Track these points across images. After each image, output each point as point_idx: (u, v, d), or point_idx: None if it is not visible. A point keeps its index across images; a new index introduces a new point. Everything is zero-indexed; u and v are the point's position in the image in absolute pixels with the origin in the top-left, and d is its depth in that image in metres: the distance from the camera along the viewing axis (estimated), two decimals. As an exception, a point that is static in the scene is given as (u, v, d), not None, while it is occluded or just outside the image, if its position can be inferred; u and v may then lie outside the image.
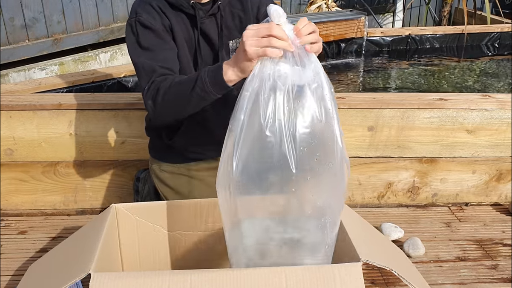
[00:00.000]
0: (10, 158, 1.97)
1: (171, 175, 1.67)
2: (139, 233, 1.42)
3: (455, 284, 1.65)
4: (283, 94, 1.02)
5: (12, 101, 1.92)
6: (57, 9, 3.71)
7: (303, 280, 1.04)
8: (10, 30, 3.51)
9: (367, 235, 1.37)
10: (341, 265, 1.07)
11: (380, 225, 1.92)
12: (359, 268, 1.06)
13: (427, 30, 3.71)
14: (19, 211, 2.07)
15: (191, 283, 1.03)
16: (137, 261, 1.45)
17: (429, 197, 2.13)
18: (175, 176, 1.67)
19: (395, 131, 1.99)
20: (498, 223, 2.02)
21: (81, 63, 3.84)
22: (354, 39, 3.53)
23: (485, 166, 2.08)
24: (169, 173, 1.67)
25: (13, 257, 1.80)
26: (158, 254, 1.46)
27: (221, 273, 1.06)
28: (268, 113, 1.01)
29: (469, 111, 1.97)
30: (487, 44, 3.75)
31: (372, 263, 1.09)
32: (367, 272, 1.67)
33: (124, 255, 1.44)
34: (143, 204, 1.43)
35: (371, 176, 2.07)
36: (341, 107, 1.94)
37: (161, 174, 1.68)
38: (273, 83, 1.03)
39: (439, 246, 1.86)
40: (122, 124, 1.94)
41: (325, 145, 1.06)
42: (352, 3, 5.18)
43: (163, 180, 1.68)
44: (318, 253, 1.12)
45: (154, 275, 1.04)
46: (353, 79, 3.31)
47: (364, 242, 1.21)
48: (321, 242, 1.11)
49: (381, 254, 1.23)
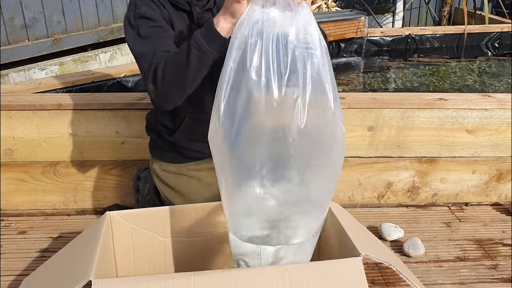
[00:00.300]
0: (10, 158, 1.97)
1: (171, 175, 1.67)
2: (134, 240, 1.41)
3: (455, 284, 1.65)
4: (271, 38, 1.01)
5: (12, 101, 1.92)
6: (57, 9, 3.71)
7: (307, 277, 1.04)
8: (10, 30, 3.50)
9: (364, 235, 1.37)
10: (342, 260, 1.08)
11: (380, 225, 1.92)
12: (360, 263, 1.07)
13: (427, 30, 3.71)
14: (19, 211, 2.07)
15: (194, 285, 1.03)
16: (131, 269, 1.45)
17: (429, 197, 2.13)
18: (176, 176, 1.67)
19: (395, 131, 1.99)
20: (498, 223, 2.02)
21: (81, 63, 3.84)
22: (354, 39, 3.53)
23: (485, 166, 2.08)
24: (170, 172, 1.67)
25: (13, 257, 1.80)
26: (153, 261, 1.45)
27: (225, 274, 1.06)
28: (255, 57, 1.00)
29: (469, 111, 1.97)
30: (487, 44, 3.75)
31: (371, 258, 1.09)
32: (367, 272, 1.66)
33: (118, 262, 1.43)
34: (138, 210, 1.42)
35: (371, 176, 2.07)
36: (341, 107, 1.93)
37: (161, 174, 1.68)
38: (261, 27, 1.02)
39: (439, 246, 1.86)
40: (122, 124, 1.94)
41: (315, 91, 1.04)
42: (352, 3, 5.18)
43: (163, 179, 1.68)
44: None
45: (156, 280, 1.04)
46: (353, 79, 3.31)
47: (362, 239, 1.22)
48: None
49: (379, 251, 1.23)
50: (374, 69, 3.45)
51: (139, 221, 1.40)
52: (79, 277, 1.06)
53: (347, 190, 2.10)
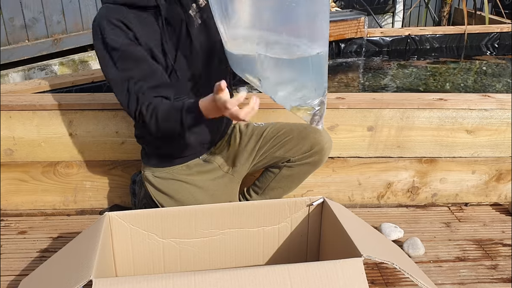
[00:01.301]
0: (10, 158, 1.97)
1: (163, 180, 1.69)
2: (133, 241, 1.42)
3: (455, 284, 1.65)
4: None
5: (12, 101, 1.92)
6: (57, 9, 3.71)
7: (307, 277, 1.04)
8: (10, 30, 3.51)
9: (366, 233, 1.37)
10: (343, 260, 1.08)
11: (379, 225, 1.92)
12: (361, 264, 1.07)
13: (427, 30, 3.71)
14: (19, 211, 2.07)
15: (195, 284, 1.03)
16: (130, 269, 1.45)
17: (428, 197, 2.13)
18: (168, 181, 1.68)
19: (395, 131, 1.99)
20: (497, 223, 2.02)
21: (81, 63, 3.84)
22: (354, 39, 3.52)
23: (485, 166, 2.08)
24: (162, 178, 1.69)
25: (13, 257, 1.80)
26: (152, 261, 1.45)
27: (225, 273, 1.06)
28: None
29: (468, 111, 1.97)
30: (487, 44, 3.75)
31: (373, 258, 1.09)
32: (367, 272, 1.67)
33: (117, 263, 1.43)
34: (136, 211, 1.42)
35: (371, 176, 2.07)
36: (341, 107, 1.94)
37: (154, 180, 1.69)
38: None
39: (438, 246, 1.86)
40: (122, 124, 1.94)
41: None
42: (352, 3, 5.18)
43: (156, 185, 1.69)
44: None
45: (157, 279, 1.04)
46: (353, 79, 3.31)
47: (364, 239, 1.22)
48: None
49: (381, 250, 1.23)
50: (374, 69, 3.44)
51: (138, 222, 1.40)
52: (79, 277, 1.06)
53: (347, 190, 2.10)
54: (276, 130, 1.72)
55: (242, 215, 1.45)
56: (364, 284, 1.04)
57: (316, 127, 1.37)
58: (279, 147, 1.70)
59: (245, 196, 1.85)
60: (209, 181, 1.70)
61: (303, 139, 1.67)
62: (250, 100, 1.28)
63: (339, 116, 1.95)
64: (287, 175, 1.73)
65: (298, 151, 1.68)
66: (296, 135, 1.68)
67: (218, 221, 1.44)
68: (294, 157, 1.69)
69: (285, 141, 1.69)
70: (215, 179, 1.71)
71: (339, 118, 1.96)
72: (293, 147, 1.68)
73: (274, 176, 1.76)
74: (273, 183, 1.77)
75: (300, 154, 1.68)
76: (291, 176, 1.74)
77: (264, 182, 1.79)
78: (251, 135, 1.74)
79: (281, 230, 1.50)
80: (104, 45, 1.44)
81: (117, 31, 1.43)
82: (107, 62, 1.45)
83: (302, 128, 1.69)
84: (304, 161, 1.69)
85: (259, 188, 1.82)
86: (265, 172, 1.79)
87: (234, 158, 1.74)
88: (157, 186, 1.69)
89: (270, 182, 1.77)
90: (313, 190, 2.08)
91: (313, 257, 1.56)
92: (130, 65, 1.44)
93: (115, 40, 1.43)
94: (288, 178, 1.74)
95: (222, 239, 1.47)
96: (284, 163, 1.72)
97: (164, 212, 1.42)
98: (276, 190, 1.79)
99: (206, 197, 1.67)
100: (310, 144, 1.67)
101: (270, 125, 1.75)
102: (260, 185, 1.81)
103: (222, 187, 1.72)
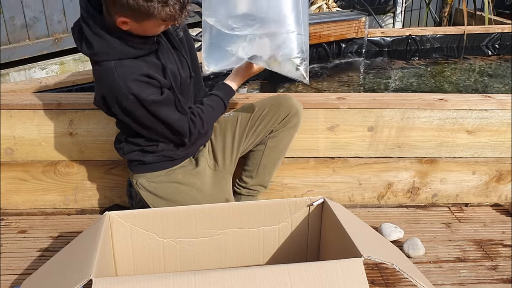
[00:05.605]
0: (11, 158, 1.98)
1: (159, 184, 1.70)
2: (133, 240, 1.42)
3: (455, 284, 1.65)
4: None
5: (13, 101, 1.92)
6: (58, 8, 3.71)
7: (307, 277, 1.04)
8: (10, 29, 3.51)
9: (366, 233, 1.37)
10: (343, 261, 1.08)
11: (380, 225, 1.92)
12: (361, 264, 1.07)
13: (428, 30, 3.70)
14: (19, 211, 2.07)
15: (195, 284, 1.03)
16: (131, 268, 1.45)
17: (429, 198, 2.13)
18: (164, 185, 1.70)
19: (395, 131, 1.99)
20: (498, 224, 2.02)
21: (81, 62, 3.84)
22: (355, 40, 3.52)
23: (485, 167, 2.08)
24: (158, 182, 1.70)
25: (13, 257, 1.80)
26: (152, 261, 1.46)
27: (225, 273, 1.06)
28: None
29: (469, 112, 1.97)
30: (487, 44, 3.75)
31: (373, 259, 1.09)
32: (367, 272, 1.66)
33: (117, 262, 1.43)
34: (136, 211, 1.43)
35: (371, 177, 2.07)
36: (341, 107, 1.94)
37: (149, 186, 1.70)
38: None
39: (439, 246, 1.86)
40: (122, 123, 1.94)
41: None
42: (353, 4, 5.18)
43: (151, 191, 1.70)
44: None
45: (157, 278, 1.04)
46: (354, 79, 3.31)
47: (364, 240, 1.22)
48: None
49: (381, 251, 1.23)
50: (375, 69, 3.44)
51: (138, 222, 1.41)
52: (79, 276, 1.06)
53: (347, 191, 2.10)
54: (249, 111, 1.78)
55: (242, 215, 1.45)
56: (364, 284, 1.04)
57: (303, 81, 1.56)
58: (258, 123, 1.76)
59: (240, 185, 1.87)
60: (202, 179, 1.72)
61: (278, 108, 1.76)
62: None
63: (339, 116, 1.95)
64: (273, 146, 1.79)
65: (277, 120, 1.76)
66: (270, 106, 1.77)
67: (218, 221, 1.44)
68: (275, 126, 1.76)
69: (262, 116, 1.76)
70: (208, 176, 1.75)
71: (340, 118, 1.96)
72: (271, 117, 1.76)
73: (262, 152, 1.81)
74: (264, 159, 1.81)
75: (280, 122, 1.76)
76: (277, 146, 1.80)
77: (254, 162, 1.83)
78: (225, 128, 1.80)
79: (281, 230, 1.50)
80: (140, 103, 1.48)
81: (146, 86, 1.48)
82: (152, 114, 1.53)
83: (273, 99, 1.79)
84: (286, 127, 1.77)
85: (250, 171, 1.84)
86: (251, 153, 1.83)
87: (220, 153, 1.78)
88: (153, 191, 1.70)
89: (260, 159, 1.81)
90: (313, 190, 2.08)
91: (313, 257, 1.56)
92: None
93: (150, 93, 1.49)
94: (275, 149, 1.80)
95: (222, 239, 1.47)
96: (267, 135, 1.78)
97: (164, 212, 1.42)
98: (267, 167, 1.83)
99: (202, 194, 1.69)
100: (286, 110, 1.76)
101: (240, 110, 1.82)
102: (251, 168, 1.84)
103: (216, 184, 1.75)
